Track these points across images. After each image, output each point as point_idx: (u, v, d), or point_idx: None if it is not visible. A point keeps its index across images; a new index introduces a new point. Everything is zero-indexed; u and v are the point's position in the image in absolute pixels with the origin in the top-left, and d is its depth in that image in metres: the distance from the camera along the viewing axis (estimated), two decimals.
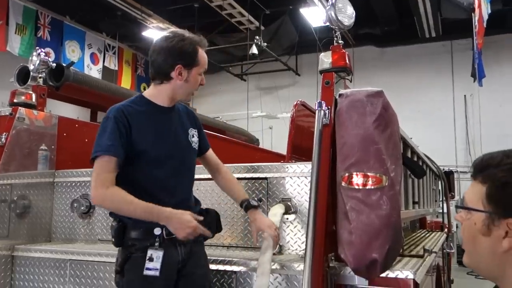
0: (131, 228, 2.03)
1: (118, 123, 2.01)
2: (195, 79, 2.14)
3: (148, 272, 1.98)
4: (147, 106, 2.13)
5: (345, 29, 2.41)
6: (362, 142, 1.89)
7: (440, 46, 11.18)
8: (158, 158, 2.07)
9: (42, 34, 9.51)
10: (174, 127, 2.17)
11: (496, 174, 1.03)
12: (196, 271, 2.13)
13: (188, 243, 2.10)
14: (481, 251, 1.06)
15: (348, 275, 2.07)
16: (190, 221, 1.97)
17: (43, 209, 3.12)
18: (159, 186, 2.06)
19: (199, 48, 2.13)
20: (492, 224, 1.02)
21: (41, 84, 3.28)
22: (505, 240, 1.01)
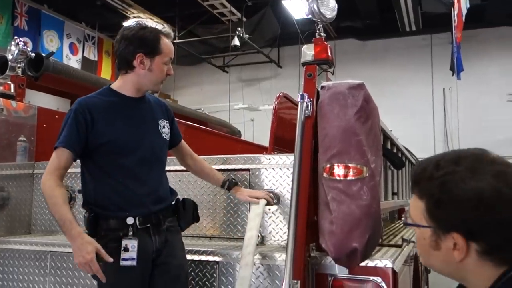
0: (103, 218, 2.05)
1: (77, 116, 2.04)
2: (159, 68, 2.13)
3: (125, 263, 1.99)
4: (114, 97, 2.15)
5: (327, 22, 2.43)
6: (344, 134, 1.92)
7: (420, 40, 11.32)
8: (126, 147, 2.09)
9: (19, 23, 9.29)
10: (143, 118, 2.19)
11: (429, 189, 1.01)
12: (171, 261, 2.14)
13: (163, 232, 2.13)
14: (437, 263, 1.06)
15: (329, 264, 2.11)
16: (87, 253, 1.90)
17: (22, 201, 3.08)
18: (128, 175, 2.09)
19: (162, 37, 2.13)
20: (439, 238, 1.01)
21: (19, 74, 3.22)
22: (455, 252, 0.99)
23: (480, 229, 0.96)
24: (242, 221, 2.62)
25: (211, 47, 12.15)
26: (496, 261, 0.98)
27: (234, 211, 2.66)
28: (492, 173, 0.97)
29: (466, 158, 1.01)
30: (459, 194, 0.96)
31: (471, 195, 0.95)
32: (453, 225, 0.98)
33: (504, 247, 0.97)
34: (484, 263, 0.99)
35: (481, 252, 0.98)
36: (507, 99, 10.14)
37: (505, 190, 0.95)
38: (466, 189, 0.96)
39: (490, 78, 10.78)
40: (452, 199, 0.97)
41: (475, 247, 0.98)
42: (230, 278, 2.33)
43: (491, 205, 0.94)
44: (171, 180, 2.70)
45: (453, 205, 0.97)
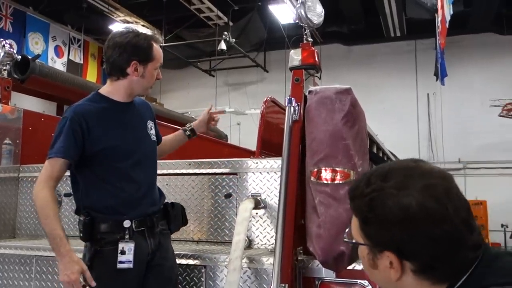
0: (100, 221, 2.04)
1: (73, 125, 2.02)
2: (151, 74, 2.16)
3: (122, 265, 2.00)
4: (105, 103, 2.15)
5: (314, 27, 2.45)
6: (331, 138, 1.94)
7: (404, 46, 11.48)
8: (122, 153, 2.11)
9: (3, 25, 9.18)
10: (134, 122, 2.21)
11: (360, 207, 0.99)
12: (164, 263, 2.17)
13: (157, 235, 2.15)
14: (379, 282, 1.04)
15: (316, 268, 2.12)
16: (73, 273, 1.91)
17: (7, 205, 3.04)
18: (124, 179, 2.10)
19: (154, 43, 2.16)
20: (375, 257, 0.99)
21: (5, 77, 3.18)
22: (392, 271, 0.96)
23: (409, 247, 0.93)
24: (230, 225, 2.62)
25: (198, 51, 12.16)
26: (434, 280, 0.95)
27: (221, 215, 2.66)
28: (419, 187, 0.93)
29: (396, 172, 0.98)
30: (384, 213, 0.94)
31: (396, 212, 0.92)
32: (383, 244, 0.96)
33: (435, 265, 0.93)
34: (421, 282, 0.96)
35: (415, 271, 0.95)
36: (490, 105, 10.33)
37: (431, 205, 0.91)
38: (391, 206, 0.93)
39: (473, 84, 10.98)
40: (378, 217, 0.95)
41: (409, 266, 0.95)
42: (217, 282, 2.33)
43: (417, 222, 0.91)
44: (159, 184, 2.70)
45: (379, 224, 0.95)
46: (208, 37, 11.07)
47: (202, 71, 12.95)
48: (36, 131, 3.25)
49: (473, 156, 10.84)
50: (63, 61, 10.54)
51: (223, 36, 10.11)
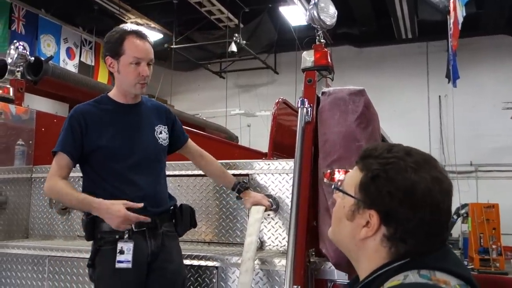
0: (100, 221, 2.06)
1: (72, 123, 2.10)
2: (125, 70, 2.10)
3: (120, 265, 2.00)
4: (109, 104, 2.19)
5: (327, 28, 2.45)
6: (344, 140, 1.93)
7: (416, 47, 11.39)
8: (118, 154, 2.12)
9: (16, 28, 9.26)
10: (137, 124, 2.20)
11: (372, 164, 1.05)
12: (167, 266, 2.13)
13: (159, 236, 2.13)
14: (343, 233, 1.11)
15: (328, 270, 2.11)
16: (118, 210, 1.95)
17: (20, 205, 3.06)
18: (122, 180, 2.11)
19: (127, 37, 2.10)
20: (357, 211, 1.06)
21: (19, 78, 3.21)
22: (364, 229, 1.04)
23: (397, 216, 1.00)
24: (241, 226, 2.61)
25: (208, 52, 12.18)
26: (393, 250, 1.02)
27: (233, 216, 2.66)
28: (432, 175, 1.01)
29: (417, 154, 1.05)
30: (396, 179, 1.00)
31: (406, 183, 1.00)
32: (376, 202, 1.02)
33: (407, 240, 1.01)
34: (381, 248, 1.03)
35: (386, 237, 1.02)
36: (502, 107, 10.21)
37: (436, 194, 1.00)
38: (405, 176, 1.00)
39: (485, 86, 10.86)
40: (389, 179, 1.01)
41: (384, 230, 1.02)
42: (229, 283, 2.32)
43: (417, 201, 0.99)
44: (170, 185, 2.70)
45: (386, 185, 1.01)
46: (219, 39, 11.08)
47: (213, 73, 12.97)
48: (48, 132, 3.28)
49: (485, 159, 10.72)
50: (74, 63, 10.62)
51: (234, 38, 10.12)
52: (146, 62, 2.11)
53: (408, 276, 0.96)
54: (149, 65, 2.14)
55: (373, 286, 1.02)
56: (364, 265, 1.07)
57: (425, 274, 0.95)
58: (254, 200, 2.37)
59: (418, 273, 0.96)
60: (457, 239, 9.81)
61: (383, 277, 1.01)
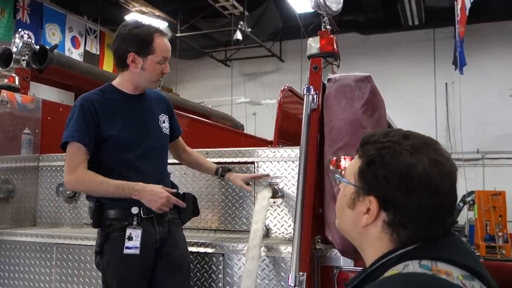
0: (108, 208, 2.09)
1: (84, 111, 2.08)
2: (152, 68, 2.13)
3: (128, 251, 2.03)
4: (115, 94, 2.19)
5: (333, 15, 2.42)
6: (350, 126, 1.92)
7: (422, 34, 11.27)
8: (127, 143, 2.13)
9: (21, 17, 9.26)
10: (143, 114, 2.22)
11: (369, 150, 1.04)
12: (174, 252, 2.17)
13: (166, 223, 2.15)
14: (346, 222, 1.11)
15: (334, 257, 2.12)
16: (162, 192, 2.04)
17: (27, 194, 3.09)
18: (131, 169, 2.12)
19: (156, 36, 2.12)
20: (357, 199, 1.05)
21: (24, 67, 3.21)
22: (365, 216, 1.04)
23: (395, 201, 0.99)
24: (247, 214, 2.62)
25: (213, 41, 12.12)
26: (395, 237, 1.01)
27: (239, 203, 2.66)
28: (430, 158, 0.99)
29: (417, 137, 1.04)
30: (391, 162, 0.99)
31: (401, 167, 0.98)
32: (374, 188, 1.02)
33: (408, 226, 0.99)
34: (383, 235, 1.02)
35: (387, 223, 1.01)
36: (509, 94, 10.11)
37: (433, 177, 0.98)
38: (400, 160, 0.99)
39: (492, 73, 10.75)
40: (383, 164, 1.00)
41: (384, 216, 1.01)
42: (235, 270, 2.34)
43: (414, 184, 0.97)
44: (176, 173, 2.73)
45: (381, 169, 1.00)
46: (224, 27, 11.02)
47: (218, 61, 12.93)
48: (55, 120, 3.28)
49: (491, 146, 10.66)
50: (79, 52, 10.62)
51: (239, 26, 10.06)
52: (167, 61, 2.19)
53: (408, 266, 0.94)
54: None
55: (375, 275, 1.01)
56: (369, 254, 1.06)
57: (426, 264, 0.93)
58: (242, 177, 2.46)
59: (419, 263, 0.94)
60: (463, 227, 9.80)
61: (386, 265, 1.00)
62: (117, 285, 2.05)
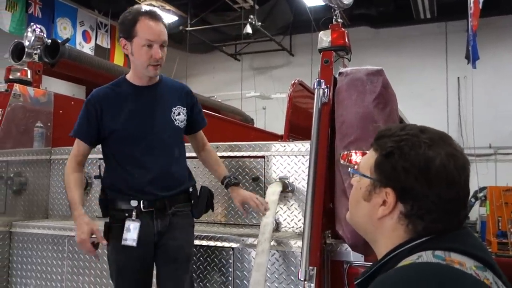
0: (112, 200, 2.15)
1: (88, 108, 2.16)
2: (138, 52, 2.08)
3: (126, 242, 2.08)
4: (126, 87, 2.20)
5: (344, 8, 2.41)
6: (362, 121, 1.91)
7: (434, 28, 11.15)
8: (130, 138, 2.14)
9: (33, 11, 9.32)
10: (152, 106, 2.18)
11: (386, 143, 1.04)
12: (170, 243, 2.16)
13: (167, 217, 2.16)
14: (360, 214, 1.11)
15: (344, 252, 2.11)
16: (83, 233, 2.04)
17: (39, 186, 3.12)
18: (134, 164, 2.14)
19: (141, 18, 2.06)
20: (373, 191, 1.06)
21: (36, 61, 3.23)
22: (381, 208, 1.04)
23: (413, 193, 1.00)
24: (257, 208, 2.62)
25: (223, 34, 12.10)
26: (411, 227, 1.02)
27: None
28: (447, 151, 1.01)
29: (432, 132, 1.05)
30: (411, 154, 1.00)
31: (420, 159, 1.00)
32: (392, 180, 1.03)
33: (424, 217, 1.00)
34: (398, 228, 1.03)
35: (404, 214, 1.02)
36: None
37: (451, 170, 1.00)
38: (418, 152, 1.00)
39: (505, 67, 10.61)
40: (402, 156, 1.01)
41: (401, 207, 1.02)
42: (245, 264, 2.34)
43: (432, 177, 0.99)
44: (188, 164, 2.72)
45: (400, 161, 1.01)
46: (234, 20, 10.99)
47: (228, 55, 12.91)
48: (66, 114, 3.31)
49: (504, 141, 10.53)
50: (90, 46, 10.66)
51: (249, 20, 10.02)
52: (159, 44, 2.08)
53: (421, 256, 0.95)
54: (163, 47, 2.10)
55: (387, 267, 1.01)
56: (382, 246, 1.07)
57: (439, 255, 0.94)
58: (241, 198, 2.31)
59: (433, 253, 0.95)
60: (475, 223, 9.72)
61: (398, 257, 1.00)
62: (116, 273, 2.14)
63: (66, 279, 2.73)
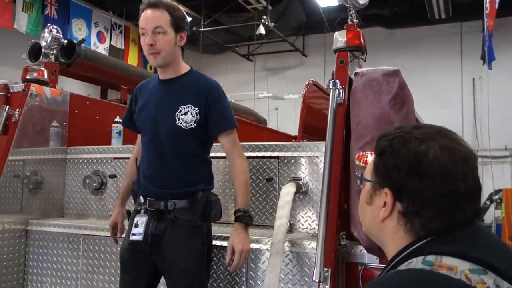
0: (134, 194, 2.26)
1: (131, 95, 2.37)
2: (141, 41, 2.13)
3: (133, 237, 2.10)
4: (156, 80, 2.27)
5: (360, 8, 2.39)
6: (378, 121, 1.89)
7: (449, 28, 11.02)
8: (140, 128, 2.26)
9: (49, 12, 9.43)
10: (161, 101, 2.15)
11: (381, 143, 1.05)
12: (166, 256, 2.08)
13: (165, 221, 2.08)
14: (366, 219, 1.11)
15: (359, 254, 2.09)
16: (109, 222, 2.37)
17: (55, 185, 3.15)
18: (144, 154, 2.23)
19: (142, 10, 2.09)
20: (374, 193, 1.05)
21: (53, 61, 3.27)
22: (382, 210, 1.03)
23: (408, 189, 0.98)
24: (271, 209, 2.61)
25: (236, 35, 12.12)
26: (409, 227, 1.00)
27: (262, 198, 2.66)
28: (441, 144, 0.98)
29: (431, 128, 1.03)
30: (400, 151, 0.99)
31: (411, 155, 0.98)
32: (387, 179, 1.02)
33: (420, 213, 0.98)
34: (398, 229, 1.01)
35: (401, 213, 1.00)
36: None
37: (445, 162, 0.97)
38: (409, 148, 0.99)
39: None
40: (393, 153, 1.00)
41: (398, 207, 1.01)
42: (259, 264, 2.34)
43: (425, 172, 0.96)
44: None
45: (391, 159, 1.00)
46: (247, 21, 10.99)
47: (241, 56, 12.93)
48: (81, 114, 3.34)
49: None
50: (105, 47, 10.76)
51: (262, 20, 10.02)
52: (151, 31, 2.03)
53: (412, 262, 0.93)
54: (158, 34, 2.04)
55: None
56: (390, 250, 1.05)
57: (429, 260, 0.91)
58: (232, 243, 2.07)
59: (424, 259, 0.92)
60: (490, 225, 9.59)
61: (399, 263, 0.98)
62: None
63: (81, 277, 2.76)
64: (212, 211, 2.11)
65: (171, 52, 2.10)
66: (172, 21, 2.07)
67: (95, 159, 3.12)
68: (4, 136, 2.90)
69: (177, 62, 2.17)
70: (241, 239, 2.05)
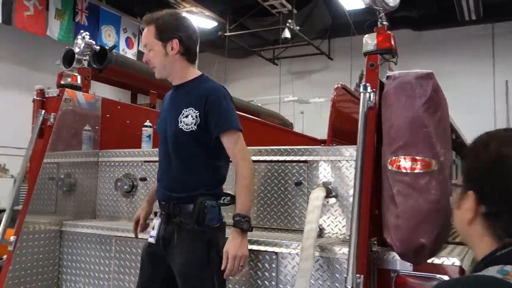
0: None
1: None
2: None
3: (149, 239, 2.20)
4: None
5: (390, 10, 2.37)
6: (411, 125, 1.86)
7: (480, 30, 10.78)
8: (157, 132, 2.36)
9: (80, 19, 9.69)
10: (170, 106, 2.27)
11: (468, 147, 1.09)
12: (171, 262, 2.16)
13: (173, 225, 2.14)
14: (457, 224, 1.13)
15: (391, 260, 2.06)
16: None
17: (88, 187, 3.21)
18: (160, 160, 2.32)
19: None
20: (462, 197, 1.07)
21: (85, 67, 3.34)
22: (468, 212, 1.04)
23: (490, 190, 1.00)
24: (300, 213, 2.60)
25: (261, 39, 12.16)
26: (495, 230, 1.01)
27: (291, 202, 2.64)
28: None
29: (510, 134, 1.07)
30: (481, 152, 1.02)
31: (490, 156, 1.01)
32: (470, 181, 1.04)
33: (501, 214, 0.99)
34: (485, 231, 1.02)
35: (483, 216, 1.02)
36: None
37: None
38: (489, 149, 1.01)
39: None
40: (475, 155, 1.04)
41: (482, 209, 1.02)
42: (288, 269, 2.32)
43: (506, 172, 0.98)
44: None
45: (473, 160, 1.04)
46: (272, 25, 11.02)
47: (266, 60, 12.95)
48: (113, 118, 3.41)
49: None
50: (133, 52, 10.97)
51: (287, 24, 10.03)
52: (146, 50, 2.25)
53: (488, 270, 0.93)
54: (149, 51, 2.22)
55: None
56: (476, 254, 1.07)
57: (506, 270, 0.91)
58: (227, 249, 2.02)
59: (502, 267, 0.92)
60: None
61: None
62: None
63: (113, 278, 2.80)
64: (207, 216, 2.06)
65: (165, 64, 2.21)
66: (156, 35, 2.18)
67: (126, 162, 3.17)
68: (40, 140, 2.98)
69: (179, 69, 2.23)
70: (235, 244, 2.01)
